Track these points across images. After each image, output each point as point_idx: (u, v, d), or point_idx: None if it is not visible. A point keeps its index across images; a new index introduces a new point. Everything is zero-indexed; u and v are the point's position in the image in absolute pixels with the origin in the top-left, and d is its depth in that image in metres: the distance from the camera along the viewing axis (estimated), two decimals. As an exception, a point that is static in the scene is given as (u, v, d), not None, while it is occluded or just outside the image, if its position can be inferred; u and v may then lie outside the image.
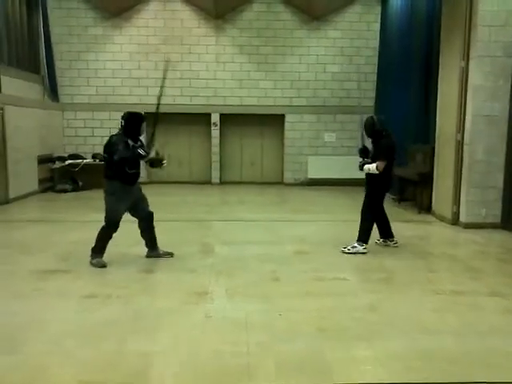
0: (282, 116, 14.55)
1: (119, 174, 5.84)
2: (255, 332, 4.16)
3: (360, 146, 7.10)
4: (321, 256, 6.68)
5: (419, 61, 10.74)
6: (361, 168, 6.87)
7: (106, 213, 5.97)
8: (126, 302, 4.86)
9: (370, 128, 6.78)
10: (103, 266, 5.93)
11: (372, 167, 6.64)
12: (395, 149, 6.86)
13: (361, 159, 6.92)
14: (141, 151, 5.81)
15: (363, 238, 6.77)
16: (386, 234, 7.17)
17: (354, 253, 6.68)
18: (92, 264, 5.96)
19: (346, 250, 6.72)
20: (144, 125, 5.99)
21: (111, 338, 4.05)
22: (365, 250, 6.72)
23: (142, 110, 6.73)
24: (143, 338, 4.06)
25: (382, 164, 6.59)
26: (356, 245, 6.73)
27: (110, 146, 5.88)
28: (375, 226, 7.02)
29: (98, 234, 5.99)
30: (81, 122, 14.25)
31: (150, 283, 5.62)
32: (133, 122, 5.92)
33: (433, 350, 3.86)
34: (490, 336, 4.17)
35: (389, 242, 7.17)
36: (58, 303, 4.85)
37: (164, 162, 6.29)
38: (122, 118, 5.95)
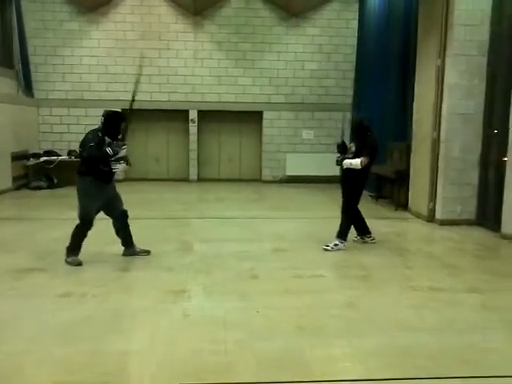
0: (261, 113, 14.52)
1: (93, 170, 5.75)
2: (233, 330, 4.13)
3: (339, 142, 7.11)
4: (299, 253, 6.68)
5: (396, 59, 10.82)
6: (338, 163, 6.88)
7: (79, 210, 5.87)
8: (102, 301, 4.79)
9: (358, 124, 6.82)
10: (79, 264, 5.83)
11: (355, 162, 6.63)
12: (378, 148, 6.90)
13: (338, 154, 6.94)
14: (108, 150, 5.69)
15: (344, 234, 6.80)
16: (363, 230, 7.21)
17: (336, 250, 6.70)
18: (67, 262, 5.86)
19: (328, 248, 6.71)
20: (124, 124, 5.92)
21: (87, 337, 3.98)
22: (344, 247, 6.76)
23: (118, 106, 6.63)
24: (120, 337, 4.00)
25: (366, 160, 6.61)
26: (337, 242, 6.74)
27: (84, 142, 5.80)
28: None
29: (73, 233, 5.89)
30: (56, 118, 14.02)
31: (127, 282, 5.54)
32: (112, 120, 5.86)
33: (410, 347, 3.88)
34: (467, 332, 4.21)
35: (366, 239, 7.20)
36: (34, 302, 4.75)
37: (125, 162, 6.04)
38: (103, 115, 5.89)
